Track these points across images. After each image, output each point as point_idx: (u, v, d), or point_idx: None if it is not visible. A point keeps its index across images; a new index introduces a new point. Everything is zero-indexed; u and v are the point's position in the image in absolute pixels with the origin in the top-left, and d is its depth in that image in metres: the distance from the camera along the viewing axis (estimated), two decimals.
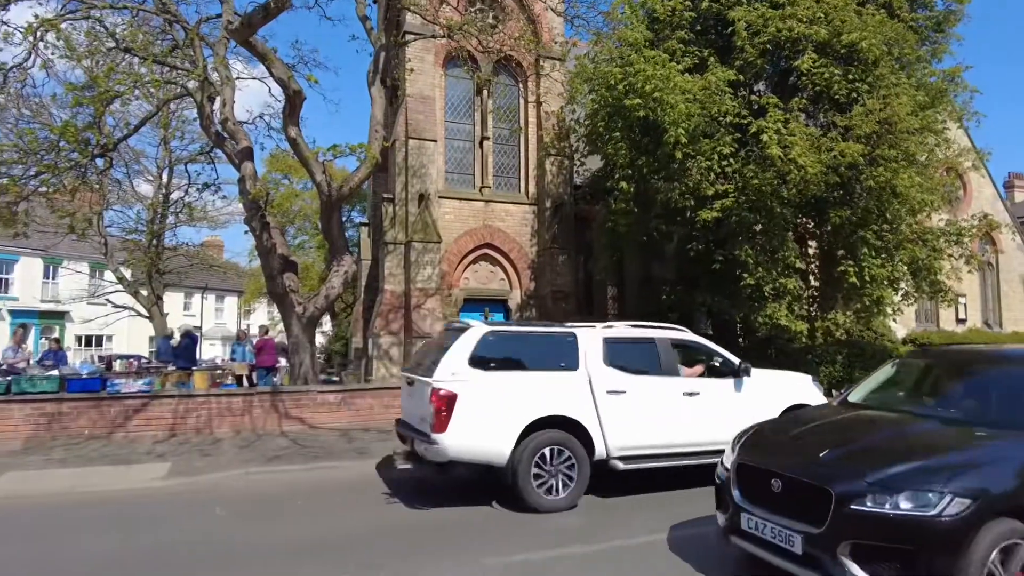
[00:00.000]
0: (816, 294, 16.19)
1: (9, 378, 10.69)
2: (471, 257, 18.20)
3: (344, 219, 16.52)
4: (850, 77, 13.33)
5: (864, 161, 12.80)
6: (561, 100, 17.85)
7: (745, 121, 13.51)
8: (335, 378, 17.48)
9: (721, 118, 13.54)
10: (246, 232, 13.44)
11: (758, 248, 13.65)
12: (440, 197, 17.59)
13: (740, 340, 16.28)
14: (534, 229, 18.67)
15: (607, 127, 14.43)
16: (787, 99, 14.10)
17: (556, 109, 18.01)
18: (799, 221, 14.95)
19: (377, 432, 11.23)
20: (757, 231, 13.89)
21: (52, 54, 10.65)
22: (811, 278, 16.43)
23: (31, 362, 12.90)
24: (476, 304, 17.92)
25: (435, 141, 17.51)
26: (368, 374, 16.66)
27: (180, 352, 14.67)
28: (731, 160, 13.52)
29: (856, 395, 5.91)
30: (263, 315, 43.15)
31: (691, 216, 13.87)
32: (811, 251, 16.69)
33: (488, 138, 18.55)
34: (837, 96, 13.49)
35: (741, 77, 14.38)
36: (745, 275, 13.27)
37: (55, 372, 11.43)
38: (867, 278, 13.32)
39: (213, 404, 11.15)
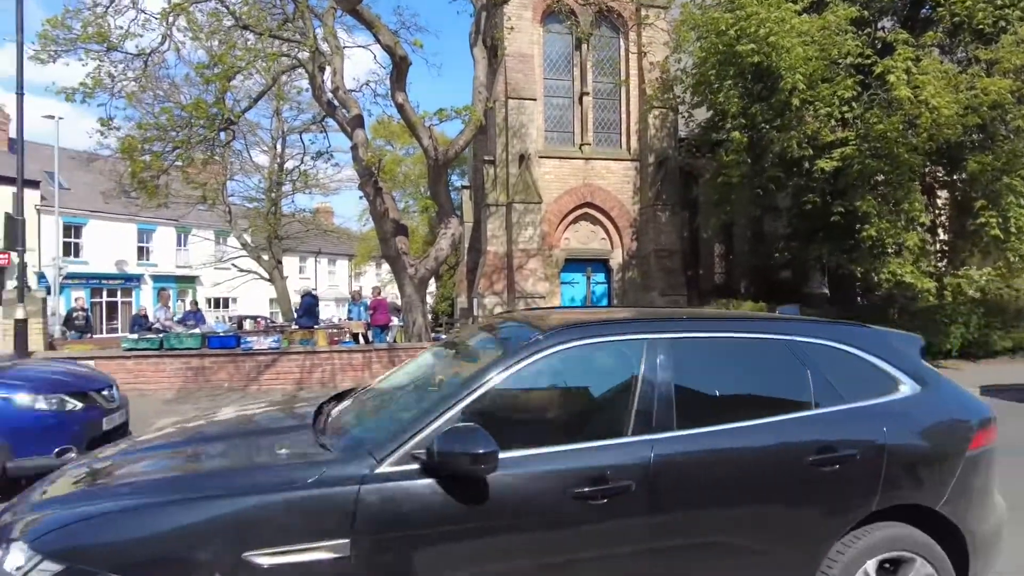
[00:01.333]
0: (945, 248, 14.95)
1: (161, 335, 11.91)
2: (571, 216, 18.15)
3: None
4: (998, 3, 11.96)
5: (1012, 99, 11.54)
6: (666, 50, 17.18)
7: (869, 62, 12.48)
8: (443, 336, 18.15)
9: (842, 60, 12.60)
10: (360, 198, 14.10)
11: (880, 199, 12.73)
12: (540, 157, 17.56)
13: (859, 299, 15.39)
14: (636, 186, 18.30)
15: (717, 75, 13.78)
16: (919, 34, 12.89)
17: (660, 60, 17.36)
18: (927, 169, 13.76)
19: None
20: (880, 181, 12.95)
21: (183, 37, 11.46)
22: (939, 231, 15.17)
23: (174, 321, 14.29)
24: (577, 264, 17.92)
25: (534, 100, 17.42)
26: None
27: (302, 311, 15.71)
28: (852, 105, 12.60)
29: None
30: (372, 277, 45.20)
31: (808, 166, 13.12)
32: (940, 201, 15.37)
33: (588, 93, 18.22)
34: (981, 26, 12.18)
35: (865, 13, 13.27)
36: (866, 228, 12.45)
37: (196, 330, 12.60)
38: (1013, 229, 12.13)
39: (336, 359, 11.90)
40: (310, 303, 15.91)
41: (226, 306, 37.12)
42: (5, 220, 10.96)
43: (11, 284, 25.71)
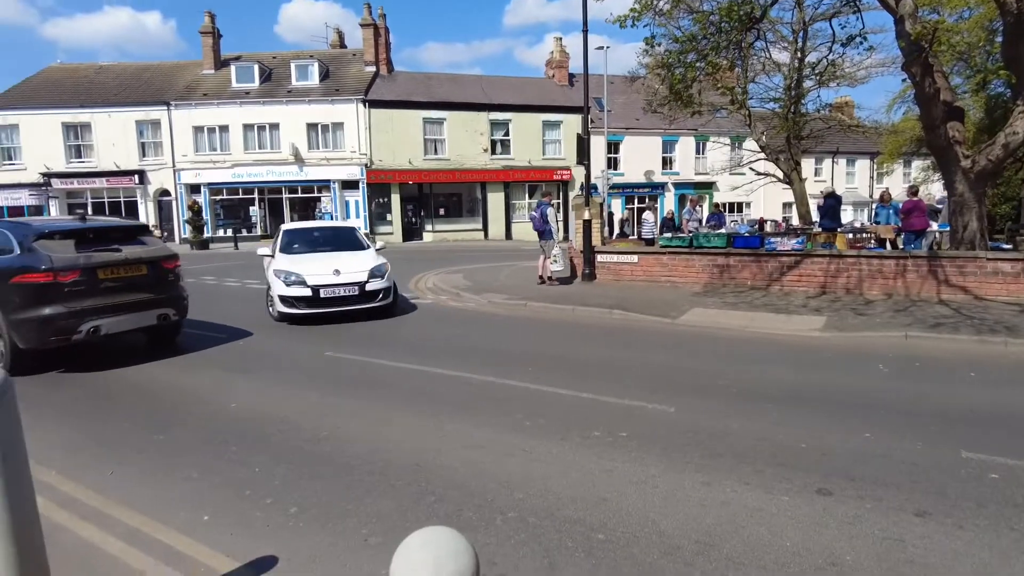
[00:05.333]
0: None
1: (690, 234, 13.13)
2: None
3: None
4: None
5: None
6: None
7: None
8: (1005, 245, 14.70)
9: None
10: (904, 80, 12.25)
11: None
12: None
13: None
14: None
15: None
16: None
17: None
18: None
19: None
20: None
21: None
22: None
23: (701, 223, 15.50)
24: None
25: None
26: None
27: (824, 212, 14.95)
28: None
29: None
30: (898, 178, 39.52)
31: None
32: None
33: None
34: None
35: None
36: None
37: (722, 231, 13.38)
38: None
39: (864, 265, 11.05)
40: (832, 204, 14.97)
41: (739, 210, 38.15)
42: (577, 140, 13.58)
43: (572, 194, 31.94)
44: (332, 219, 33.08)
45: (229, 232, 31.87)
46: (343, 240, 11.48)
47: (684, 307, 10.46)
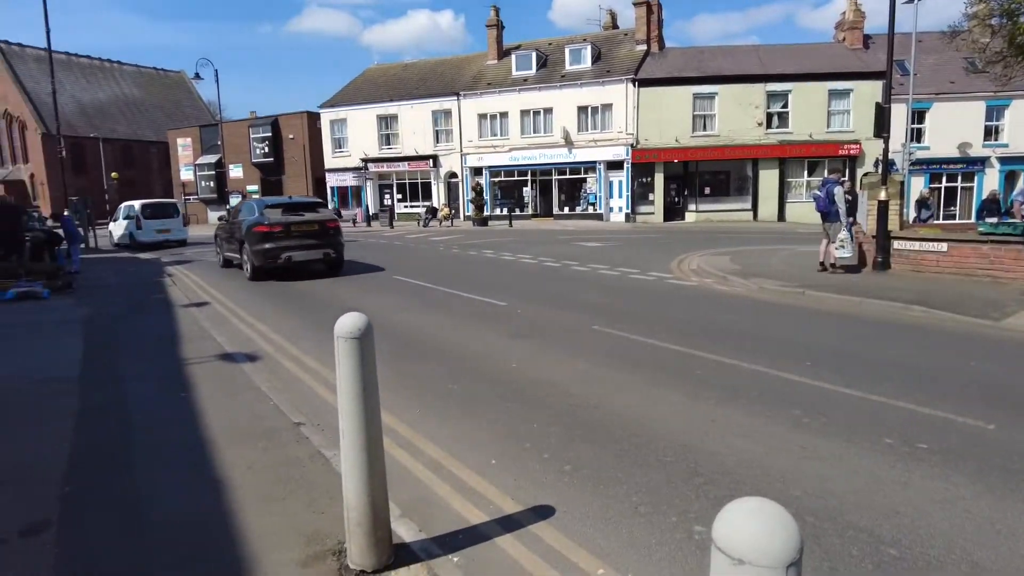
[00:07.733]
0: None
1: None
2: None
3: None
4: None
5: None
6: None
7: None
8: None
9: None
10: None
11: None
12: None
13: None
14: None
15: None
16: None
17: None
18: None
19: None
20: None
21: None
22: None
23: None
24: None
25: None
26: None
27: None
28: None
29: None
30: None
31: None
32: None
33: None
34: None
35: None
36: None
37: None
38: None
39: None
40: None
41: None
42: (876, 110, 11.98)
43: (860, 171, 28.28)
44: (595, 200, 33.98)
45: (504, 211, 34.62)
46: None
47: (1010, 307, 8.70)
